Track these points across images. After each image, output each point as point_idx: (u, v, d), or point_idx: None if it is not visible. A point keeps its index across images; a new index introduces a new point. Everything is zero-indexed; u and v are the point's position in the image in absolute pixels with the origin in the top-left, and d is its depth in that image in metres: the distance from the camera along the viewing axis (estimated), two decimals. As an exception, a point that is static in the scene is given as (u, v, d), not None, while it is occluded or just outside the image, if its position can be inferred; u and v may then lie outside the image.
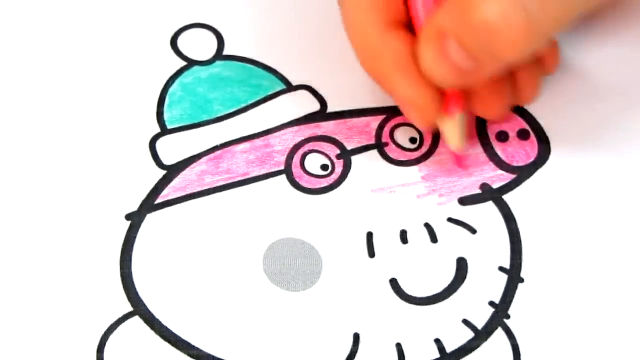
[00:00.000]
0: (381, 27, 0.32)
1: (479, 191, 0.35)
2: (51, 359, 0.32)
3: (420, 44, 0.31)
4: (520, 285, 0.33)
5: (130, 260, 0.34)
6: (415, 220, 0.34)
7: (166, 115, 0.37)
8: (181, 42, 0.39)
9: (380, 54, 0.32)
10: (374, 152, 0.36)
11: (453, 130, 0.34)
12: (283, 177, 0.35)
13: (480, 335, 0.32)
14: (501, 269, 0.33)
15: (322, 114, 0.37)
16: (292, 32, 0.38)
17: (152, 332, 0.33)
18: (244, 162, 0.36)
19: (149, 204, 0.35)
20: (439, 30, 0.30)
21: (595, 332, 0.32)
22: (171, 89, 0.37)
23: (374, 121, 0.36)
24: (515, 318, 0.32)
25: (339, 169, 0.35)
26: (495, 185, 0.35)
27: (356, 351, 0.32)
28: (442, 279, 0.33)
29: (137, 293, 0.33)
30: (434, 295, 0.33)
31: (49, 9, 0.39)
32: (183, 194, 0.35)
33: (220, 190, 0.35)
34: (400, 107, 0.34)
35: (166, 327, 0.33)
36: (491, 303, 0.33)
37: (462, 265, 0.33)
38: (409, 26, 0.33)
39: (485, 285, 0.33)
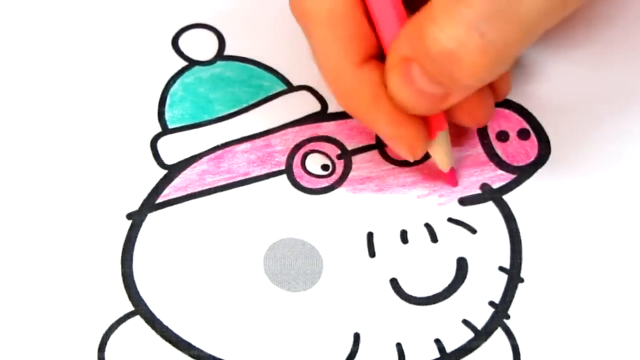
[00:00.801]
0: (354, 61, 0.31)
1: (479, 191, 0.35)
2: (52, 358, 0.32)
3: (387, 71, 0.30)
4: (520, 285, 0.33)
5: (131, 259, 0.34)
6: (415, 221, 0.34)
7: (167, 115, 0.37)
8: (182, 43, 0.39)
9: (356, 91, 0.31)
10: (375, 153, 0.36)
11: (440, 151, 0.33)
12: (284, 177, 0.35)
13: (480, 336, 0.32)
14: (501, 269, 0.33)
15: (322, 115, 0.37)
16: (292, 32, 0.38)
17: (153, 332, 0.33)
18: (245, 162, 0.36)
19: (150, 204, 0.35)
20: (402, 56, 0.29)
21: (595, 332, 0.32)
22: (172, 89, 0.37)
23: (375, 121, 0.36)
24: (515, 318, 0.32)
25: (339, 169, 0.35)
26: (495, 186, 0.35)
27: (356, 351, 0.32)
28: (442, 279, 0.33)
29: (138, 293, 0.33)
30: (434, 295, 0.33)
31: (50, 9, 0.39)
32: (184, 193, 0.35)
33: (221, 190, 0.35)
34: (387, 142, 0.33)
35: (167, 327, 0.33)
36: (491, 303, 0.33)
37: (462, 265, 0.33)
38: (382, 58, 0.31)
39: (485, 285, 0.33)
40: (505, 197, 0.35)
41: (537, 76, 0.37)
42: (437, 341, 0.32)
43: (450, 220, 0.34)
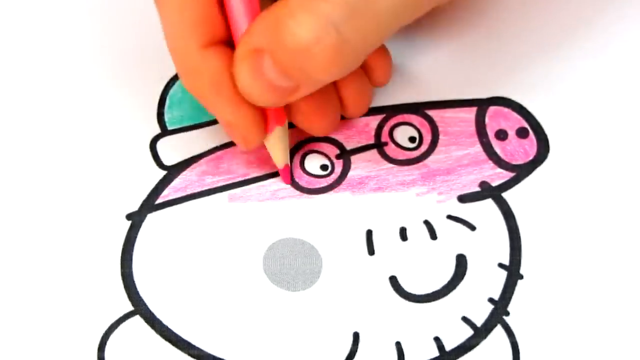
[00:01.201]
0: (199, 43, 0.31)
1: (478, 189, 0.35)
2: (52, 358, 0.32)
3: (235, 61, 0.30)
4: (519, 282, 0.33)
5: (131, 259, 0.34)
6: (414, 218, 0.34)
7: (167, 117, 0.37)
8: (182, 44, 0.39)
9: (198, 72, 0.31)
10: (374, 152, 0.36)
11: (276, 146, 0.34)
12: (283, 177, 0.36)
13: (480, 333, 0.32)
14: (500, 265, 0.33)
15: (321, 114, 0.37)
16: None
17: (152, 332, 0.33)
18: (244, 162, 0.36)
19: (150, 204, 0.35)
20: (253, 47, 0.29)
21: (595, 330, 0.32)
22: (172, 91, 0.37)
23: (373, 121, 0.36)
24: (515, 315, 0.32)
25: (338, 169, 0.36)
26: (494, 184, 0.35)
27: (356, 350, 0.32)
28: (441, 276, 0.33)
29: (137, 293, 0.33)
30: (433, 293, 0.33)
31: (50, 10, 0.40)
32: (184, 194, 0.35)
33: (221, 191, 0.35)
34: (224, 128, 0.33)
35: (167, 327, 0.33)
36: (491, 300, 0.33)
37: (461, 262, 0.33)
38: (230, 43, 0.31)
39: (484, 282, 0.33)
40: (504, 195, 0.35)
41: (536, 75, 0.37)
42: (437, 339, 0.32)
43: (449, 217, 0.34)
